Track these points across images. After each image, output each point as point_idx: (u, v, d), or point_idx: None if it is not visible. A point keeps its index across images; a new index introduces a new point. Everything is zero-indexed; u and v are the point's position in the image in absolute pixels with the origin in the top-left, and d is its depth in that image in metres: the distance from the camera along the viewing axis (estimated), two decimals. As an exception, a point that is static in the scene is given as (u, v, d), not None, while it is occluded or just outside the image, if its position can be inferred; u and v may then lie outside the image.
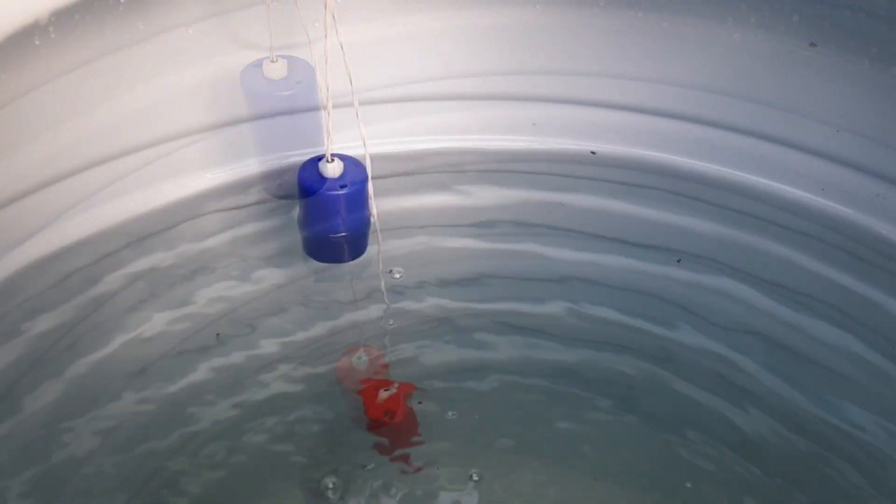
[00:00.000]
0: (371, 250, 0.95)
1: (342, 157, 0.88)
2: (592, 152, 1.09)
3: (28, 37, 0.79)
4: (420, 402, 0.92)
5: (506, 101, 1.11)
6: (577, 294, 1.02)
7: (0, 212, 0.89)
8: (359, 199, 0.88)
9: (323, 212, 0.88)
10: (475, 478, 0.88)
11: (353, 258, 0.93)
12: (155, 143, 0.99)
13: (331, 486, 0.87)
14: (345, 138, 0.90)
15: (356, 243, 0.92)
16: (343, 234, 0.89)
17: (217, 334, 0.96)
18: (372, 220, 0.91)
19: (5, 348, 0.88)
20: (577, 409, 0.94)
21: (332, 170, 0.87)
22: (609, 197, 1.09)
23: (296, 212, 0.94)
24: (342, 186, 0.86)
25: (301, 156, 1.04)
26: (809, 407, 0.92)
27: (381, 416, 0.91)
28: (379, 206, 0.92)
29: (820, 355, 0.96)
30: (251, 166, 1.05)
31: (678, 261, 0.97)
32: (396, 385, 0.93)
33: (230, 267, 1.01)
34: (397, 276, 0.99)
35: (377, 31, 1.03)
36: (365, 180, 0.88)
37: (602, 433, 0.93)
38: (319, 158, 0.88)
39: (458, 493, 0.88)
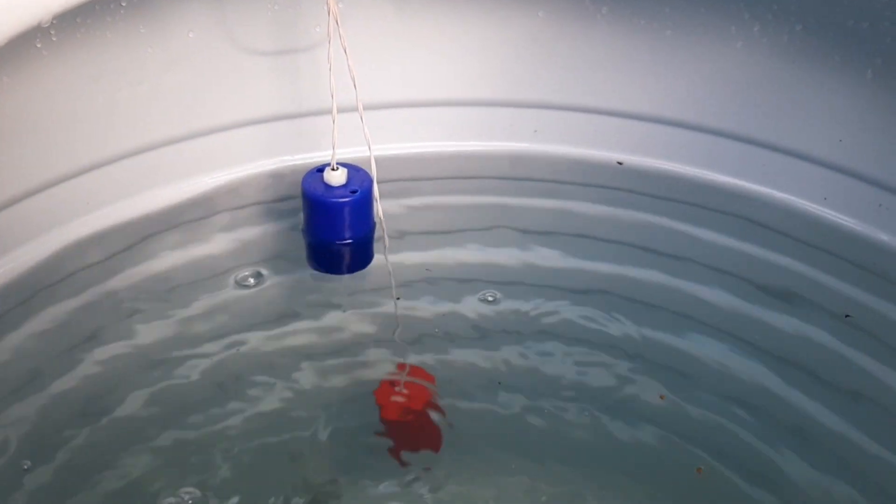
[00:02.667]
0: (377, 257, 0.95)
1: (346, 165, 0.89)
2: (619, 163, 1.09)
3: (30, 39, 0.79)
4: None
5: (507, 108, 1.11)
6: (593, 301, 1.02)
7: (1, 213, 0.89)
8: (364, 205, 0.88)
9: (329, 220, 0.88)
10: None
11: (358, 269, 0.93)
12: (156, 146, 0.98)
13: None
14: (347, 142, 0.90)
15: (361, 253, 0.91)
16: (349, 241, 0.89)
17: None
18: (379, 223, 0.91)
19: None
20: (594, 427, 0.93)
21: (337, 178, 0.87)
22: (604, 203, 1.10)
23: (299, 217, 0.93)
24: (353, 192, 0.87)
25: (303, 159, 1.05)
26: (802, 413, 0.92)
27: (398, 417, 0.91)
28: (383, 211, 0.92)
29: (818, 361, 0.96)
30: (253, 169, 1.04)
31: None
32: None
33: (233, 272, 1.01)
34: (402, 286, 0.99)
35: (380, 36, 1.03)
36: (370, 187, 0.88)
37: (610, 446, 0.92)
38: (322, 168, 0.89)
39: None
